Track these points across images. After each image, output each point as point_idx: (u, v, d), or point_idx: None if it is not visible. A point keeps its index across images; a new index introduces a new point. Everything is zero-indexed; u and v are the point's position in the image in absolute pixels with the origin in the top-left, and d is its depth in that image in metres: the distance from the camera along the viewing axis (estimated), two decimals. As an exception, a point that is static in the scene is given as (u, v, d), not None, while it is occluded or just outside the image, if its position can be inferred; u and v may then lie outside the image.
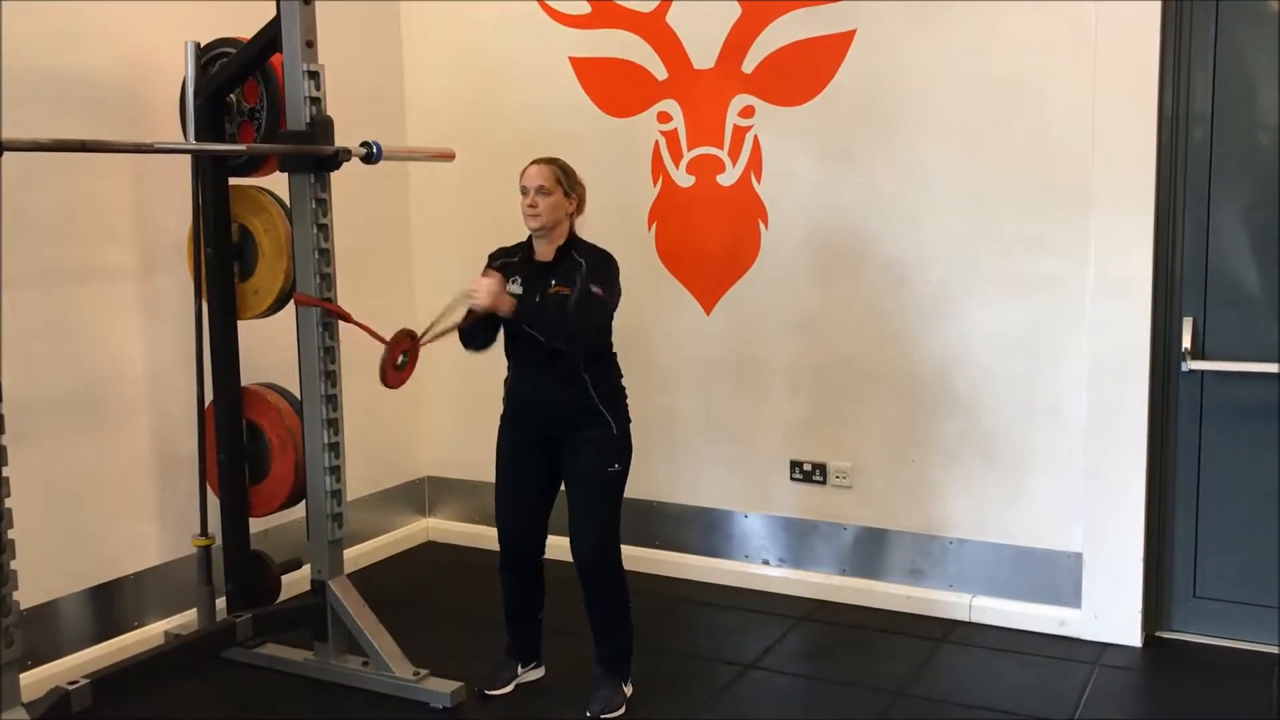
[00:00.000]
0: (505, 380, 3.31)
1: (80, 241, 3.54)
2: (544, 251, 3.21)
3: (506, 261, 3.25)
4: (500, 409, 3.35)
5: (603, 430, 3.19)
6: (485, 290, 3.02)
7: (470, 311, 3.12)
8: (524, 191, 3.16)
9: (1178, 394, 3.64)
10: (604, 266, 3.17)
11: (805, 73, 3.96)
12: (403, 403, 4.78)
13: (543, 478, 3.30)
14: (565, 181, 3.17)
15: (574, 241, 3.21)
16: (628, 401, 3.29)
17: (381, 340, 3.26)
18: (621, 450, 3.23)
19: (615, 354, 3.30)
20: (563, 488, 3.32)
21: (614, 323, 3.27)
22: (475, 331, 3.20)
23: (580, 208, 3.24)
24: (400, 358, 3.28)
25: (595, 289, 3.11)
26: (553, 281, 3.15)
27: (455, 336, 3.22)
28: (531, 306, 3.10)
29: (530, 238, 3.24)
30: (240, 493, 3.59)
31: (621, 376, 3.29)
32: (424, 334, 3.27)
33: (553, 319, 3.09)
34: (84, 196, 3.52)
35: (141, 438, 3.73)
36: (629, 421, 3.27)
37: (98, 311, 3.59)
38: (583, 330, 3.10)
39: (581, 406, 3.17)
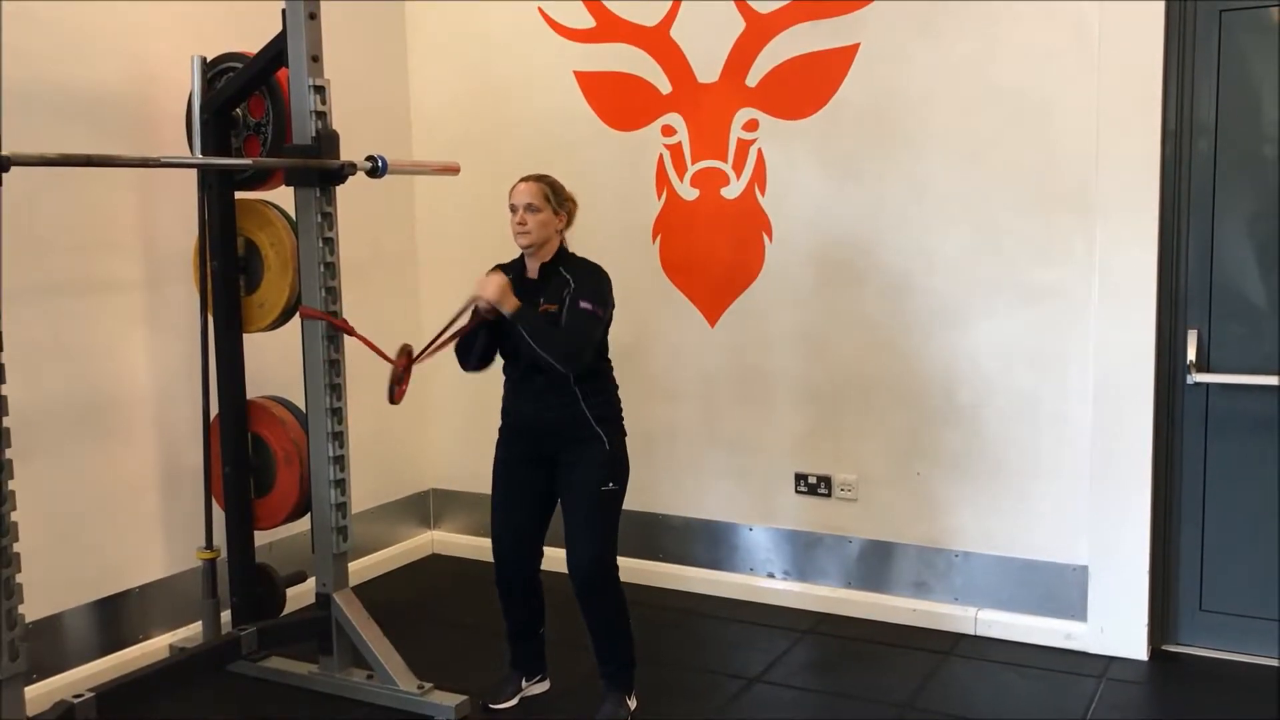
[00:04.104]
0: (502, 398, 3.31)
1: (86, 254, 3.55)
2: (534, 268, 3.21)
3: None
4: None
5: (595, 445, 3.17)
6: (494, 285, 3.06)
7: (476, 312, 3.14)
8: (513, 209, 3.15)
9: (1183, 407, 3.63)
10: (593, 281, 3.16)
11: (809, 86, 3.97)
12: (408, 415, 4.79)
13: (538, 495, 3.29)
14: (554, 198, 3.16)
15: (563, 257, 3.20)
16: (623, 417, 3.27)
17: (385, 357, 3.29)
18: (615, 467, 3.21)
19: (611, 368, 3.29)
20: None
21: (616, 335, 3.27)
22: (472, 345, 3.19)
23: (570, 223, 3.24)
24: (400, 374, 3.32)
25: (585, 304, 3.10)
26: (540, 300, 3.14)
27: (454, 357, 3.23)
28: (532, 313, 3.10)
29: (522, 255, 3.24)
30: (245, 506, 3.60)
31: (617, 390, 3.29)
32: (422, 350, 3.31)
33: (547, 329, 3.08)
34: (90, 210, 3.54)
35: (147, 451, 3.74)
36: (624, 436, 3.26)
37: (103, 324, 3.60)
38: (578, 348, 3.09)
39: (575, 421, 3.16)
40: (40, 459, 3.35)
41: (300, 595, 3.79)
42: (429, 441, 4.91)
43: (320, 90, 3.28)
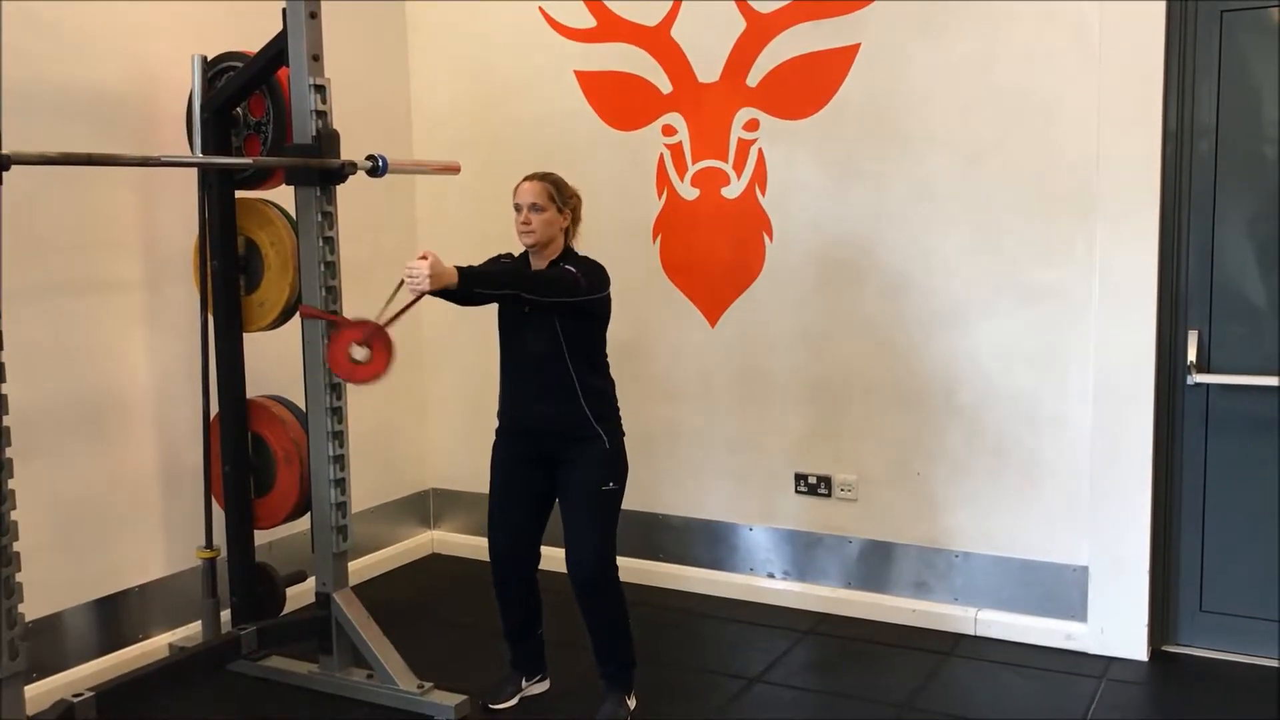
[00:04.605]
0: (499, 399, 3.31)
1: (86, 254, 3.55)
2: (538, 267, 3.21)
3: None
4: (504, 422, 3.35)
5: (595, 445, 3.17)
6: (424, 276, 2.84)
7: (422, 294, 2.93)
8: (517, 208, 3.15)
9: (1183, 407, 3.63)
10: (588, 264, 3.15)
11: (810, 86, 3.97)
12: (408, 415, 4.80)
13: (536, 496, 3.29)
14: (558, 197, 3.16)
15: (567, 256, 3.20)
16: (620, 415, 3.27)
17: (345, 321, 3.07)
18: (615, 466, 3.21)
19: (609, 367, 3.28)
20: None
21: (616, 335, 3.27)
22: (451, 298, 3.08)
23: (574, 220, 3.24)
24: (358, 349, 3.09)
25: (570, 268, 3.10)
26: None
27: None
28: (475, 269, 2.99)
29: (526, 252, 3.24)
30: (245, 505, 3.60)
31: (615, 390, 3.28)
32: (381, 316, 3.06)
33: (504, 271, 3.05)
34: (90, 209, 3.54)
35: (147, 450, 3.74)
36: (622, 435, 3.26)
37: (104, 324, 3.60)
38: (546, 281, 3.06)
39: (574, 420, 3.16)
40: (40, 459, 3.35)
41: (300, 595, 3.79)
42: (429, 441, 4.91)
43: (321, 89, 3.28)
